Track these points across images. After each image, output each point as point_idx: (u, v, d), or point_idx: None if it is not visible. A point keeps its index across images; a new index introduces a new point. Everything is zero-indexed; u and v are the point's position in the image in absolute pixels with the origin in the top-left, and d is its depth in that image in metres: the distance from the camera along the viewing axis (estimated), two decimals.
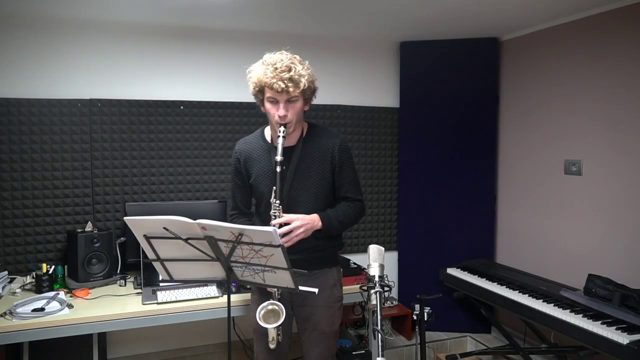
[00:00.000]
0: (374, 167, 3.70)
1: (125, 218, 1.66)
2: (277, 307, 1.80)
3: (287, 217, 1.86)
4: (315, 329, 2.02)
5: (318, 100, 3.50)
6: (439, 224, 3.65)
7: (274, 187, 1.84)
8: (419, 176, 3.67)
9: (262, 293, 1.98)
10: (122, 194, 3.06)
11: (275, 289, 1.87)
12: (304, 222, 1.87)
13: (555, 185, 3.13)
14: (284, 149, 1.86)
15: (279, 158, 1.81)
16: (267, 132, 2.06)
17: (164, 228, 1.61)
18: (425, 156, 3.65)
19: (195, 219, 1.59)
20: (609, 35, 2.77)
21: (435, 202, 3.65)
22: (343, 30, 3.39)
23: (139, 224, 1.64)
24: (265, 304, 1.81)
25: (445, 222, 3.64)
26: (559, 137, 3.11)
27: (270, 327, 1.80)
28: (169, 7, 2.76)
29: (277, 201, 1.84)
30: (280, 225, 1.84)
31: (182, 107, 3.17)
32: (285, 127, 1.85)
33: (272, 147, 1.96)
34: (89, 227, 2.82)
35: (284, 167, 1.86)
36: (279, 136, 1.84)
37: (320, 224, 1.92)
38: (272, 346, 1.92)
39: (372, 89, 3.68)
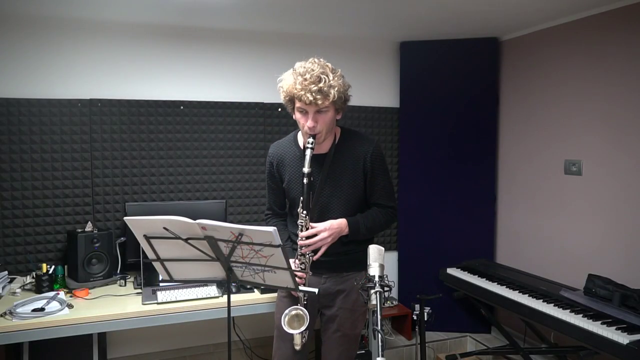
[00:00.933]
0: None
1: (125, 218, 1.66)
2: (301, 312, 1.81)
3: (312, 229, 1.86)
4: (338, 330, 2.02)
5: None
6: (439, 224, 3.65)
7: (301, 197, 1.84)
8: (419, 176, 3.67)
9: (290, 297, 1.98)
10: (122, 194, 3.06)
11: (302, 294, 1.87)
12: (331, 232, 1.87)
13: (555, 185, 3.13)
14: (317, 156, 1.86)
15: (306, 170, 1.81)
16: (300, 136, 2.03)
17: (164, 228, 1.61)
18: (425, 156, 3.65)
19: (195, 219, 1.59)
20: (608, 35, 2.77)
21: (435, 202, 3.65)
22: (343, 30, 3.39)
23: (139, 224, 1.64)
24: (289, 309, 1.82)
25: (445, 222, 3.64)
26: (559, 137, 3.11)
27: (295, 332, 1.81)
28: (169, 7, 2.76)
29: (304, 212, 1.84)
30: (307, 237, 1.85)
31: (182, 107, 3.17)
32: (314, 137, 1.84)
33: (303, 154, 1.94)
34: (89, 227, 2.82)
35: (312, 179, 1.84)
36: (307, 147, 1.83)
37: (347, 230, 1.92)
38: (297, 348, 1.93)
39: (372, 89, 3.68)
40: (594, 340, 2.22)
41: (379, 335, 1.46)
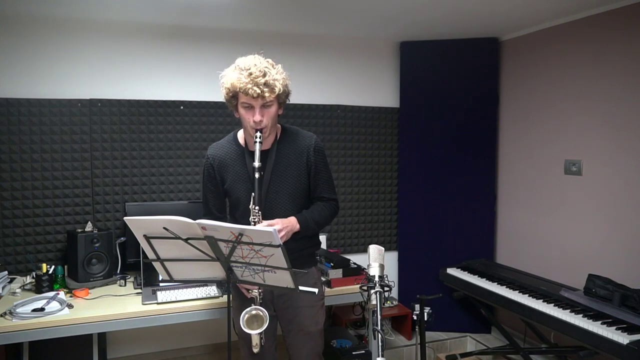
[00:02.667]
0: (374, 167, 3.70)
1: (125, 218, 1.66)
2: (260, 313, 1.80)
3: (267, 223, 1.84)
4: (300, 329, 2.02)
5: (318, 100, 3.55)
6: (439, 224, 3.65)
7: (253, 194, 1.83)
8: (419, 176, 3.67)
9: (243, 299, 1.97)
10: (122, 194, 3.06)
11: (257, 294, 1.86)
12: (285, 227, 1.86)
13: (555, 185, 3.13)
14: (260, 152, 1.85)
15: (256, 164, 1.80)
16: (240, 135, 2.02)
17: (164, 228, 1.61)
18: (425, 156, 3.65)
19: (195, 219, 1.59)
20: (609, 35, 2.77)
21: (435, 202, 3.65)
22: (343, 30, 3.39)
23: (139, 224, 1.64)
24: (248, 309, 1.80)
25: (445, 222, 3.64)
26: (559, 137, 3.11)
27: (255, 332, 1.80)
28: (169, 7, 2.76)
29: (257, 207, 1.83)
30: None
31: (182, 107, 3.17)
32: (261, 132, 1.83)
33: (247, 151, 1.95)
34: (89, 227, 2.82)
35: (262, 173, 1.84)
36: (255, 142, 1.82)
37: (298, 226, 1.92)
38: (255, 350, 1.93)
39: (372, 89, 3.68)
40: (594, 340, 2.22)
41: (379, 335, 1.46)
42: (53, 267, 2.70)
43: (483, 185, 3.61)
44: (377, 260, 1.67)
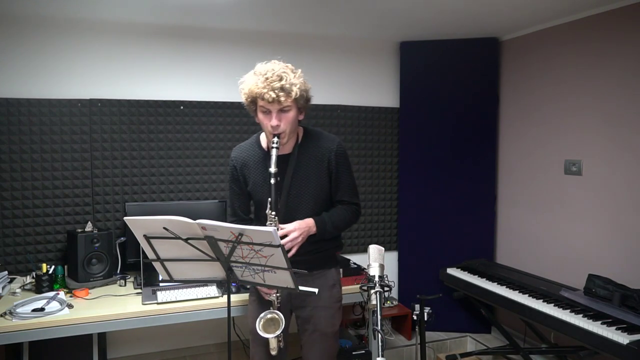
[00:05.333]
0: (374, 167, 3.70)
1: (125, 218, 1.66)
2: (277, 316, 1.80)
3: (283, 230, 1.84)
4: (315, 329, 2.01)
5: (318, 100, 3.52)
6: (439, 224, 3.65)
7: (269, 199, 1.83)
8: (419, 176, 3.67)
9: (261, 300, 1.97)
10: (122, 194, 3.06)
11: (275, 297, 1.86)
12: (301, 231, 1.86)
13: (555, 185, 3.13)
14: (281, 157, 1.85)
15: (272, 170, 1.79)
16: (263, 138, 2.03)
17: (164, 228, 1.61)
18: (425, 156, 3.65)
19: (195, 219, 1.59)
20: (609, 35, 2.77)
21: (435, 202, 3.65)
22: (343, 30, 3.39)
23: (139, 224, 1.64)
24: (264, 314, 1.81)
25: (445, 222, 3.64)
26: (559, 137, 3.11)
27: (271, 336, 1.80)
28: (169, 7, 2.76)
29: (273, 212, 1.83)
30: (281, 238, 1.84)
31: (182, 107, 3.17)
32: (278, 137, 1.83)
33: (268, 155, 1.93)
34: (89, 227, 2.82)
35: (279, 178, 1.83)
36: (272, 147, 1.82)
37: (315, 229, 1.92)
38: (274, 353, 1.92)
39: (372, 89, 3.68)
40: (594, 340, 2.22)
41: (379, 335, 1.46)
42: (53, 267, 2.70)
43: (483, 185, 3.61)
44: (377, 260, 1.67)
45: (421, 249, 3.67)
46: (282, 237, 1.84)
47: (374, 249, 1.70)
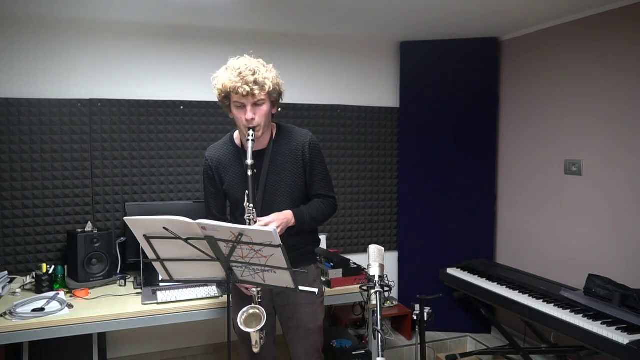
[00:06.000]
0: (374, 167, 3.70)
1: (125, 218, 1.66)
2: (258, 311, 1.80)
3: (262, 221, 1.85)
4: (299, 326, 2.03)
5: (318, 100, 3.55)
6: (439, 224, 3.65)
7: (247, 191, 1.84)
8: (419, 176, 3.67)
9: (242, 297, 1.98)
10: (122, 194, 3.06)
11: (255, 292, 1.87)
12: (280, 222, 1.88)
13: (555, 185, 3.13)
14: (256, 152, 1.87)
15: (249, 162, 1.81)
16: (237, 136, 2.05)
17: (164, 228, 1.61)
18: (425, 156, 3.65)
19: (195, 219, 1.59)
20: (609, 35, 2.77)
21: (435, 202, 3.65)
22: (343, 30, 3.39)
23: (139, 224, 1.64)
24: (245, 308, 1.81)
25: (445, 222, 3.64)
26: (559, 137, 3.11)
27: (252, 331, 1.81)
28: (169, 7, 2.76)
29: (251, 205, 1.84)
30: None
31: (182, 107, 3.17)
32: (253, 130, 1.85)
33: (243, 151, 1.95)
34: (89, 227, 2.82)
35: (255, 171, 1.85)
36: (248, 140, 1.84)
37: (293, 220, 1.93)
38: (256, 350, 1.94)
39: (372, 89, 3.68)
40: (594, 340, 2.22)
41: (379, 335, 1.46)
42: (53, 267, 2.70)
43: (483, 185, 3.61)
44: (377, 260, 1.67)
45: (421, 249, 3.67)
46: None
47: (374, 249, 1.70)
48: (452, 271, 3.27)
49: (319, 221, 2.04)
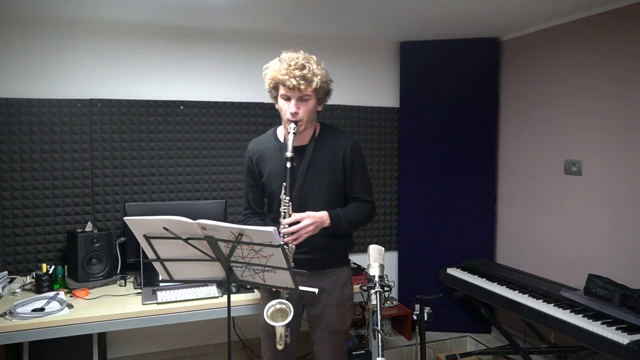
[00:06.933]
0: (374, 167, 3.69)
1: (125, 218, 1.66)
2: (285, 306, 1.80)
3: (296, 216, 1.86)
4: (326, 327, 2.03)
5: None
6: (439, 224, 3.65)
7: (284, 183, 1.85)
8: (419, 176, 3.67)
9: (271, 292, 1.98)
10: (122, 194, 3.06)
11: (283, 290, 1.87)
12: (314, 220, 1.87)
13: (555, 185, 3.13)
14: (296, 147, 1.87)
15: (289, 154, 1.82)
16: (280, 131, 2.07)
17: (164, 228, 1.61)
18: (425, 156, 3.65)
19: (195, 219, 1.59)
20: (609, 35, 2.77)
21: (435, 202, 3.65)
22: (343, 30, 3.39)
23: (139, 224, 1.65)
24: (273, 302, 1.81)
25: (445, 222, 3.64)
26: (559, 137, 3.11)
27: (278, 325, 1.80)
28: (169, 7, 2.76)
29: (287, 198, 1.84)
30: (290, 225, 1.84)
31: (182, 107, 3.17)
32: (296, 124, 1.86)
33: (284, 146, 1.95)
34: (89, 227, 2.82)
35: (295, 165, 1.86)
36: (289, 132, 1.85)
37: (328, 221, 1.92)
38: (280, 347, 1.92)
39: (372, 89, 3.68)
40: (594, 340, 2.22)
41: (379, 335, 1.46)
42: (53, 267, 2.70)
43: (483, 185, 3.61)
44: (377, 260, 1.67)
45: (421, 249, 3.67)
46: (294, 223, 1.84)
47: (374, 249, 1.70)
48: (452, 271, 3.27)
49: (354, 225, 2.03)
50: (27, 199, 2.87)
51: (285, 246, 1.84)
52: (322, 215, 1.91)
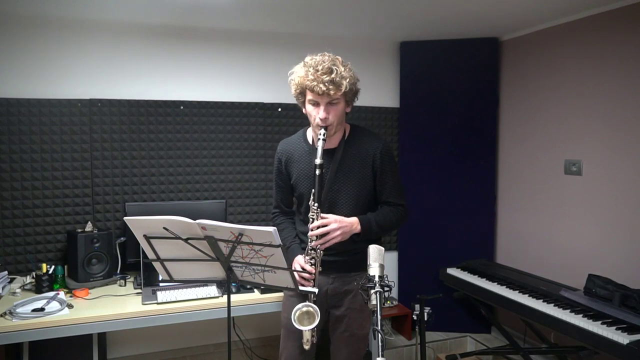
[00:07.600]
0: None
1: (125, 218, 1.66)
2: (312, 309, 1.80)
3: (324, 220, 1.85)
4: (346, 330, 2.02)
5: None
6: (439, 224, 3.65)
7: (313, 190, 1.83)
8: (419, 176, 3.67)
9: (299, 296, 1.97)
10: (122, 194, 3.06)
11: (312, 292, 1.86)
12: (342, 225, 1.86)
13: (555, 186, 3.13)
14: (326, 151, 1.86)
15: (318, 161, 1.80)
16: (309, 133, 2.04)
17: (164, 228, 1.61)
18: (425, 156, 3.65)
19: (195, 219, 1.59)
20: (609, 35, 2.77)
21: (435, 202, 3.65)
22: (343, 30, 3.39)
23: (139, 224, 1.65)
24: (300, 305, 1.81)
25: (445, 222, 3.64)
26: (559, 137, 3.11)
27: (305, 329, 1.81)
28: (169, 7, 2.76)
29: (316, 204, 1.83)
30: (318, 228, 1.84)
31: (182, 107, 3.17)
32: (326, 129, 1.84)
33: (313, 148, 1.93)
34: (89, 227, 2.82)
35: (324, 170, 1.84)
36: (319, 139, 1.82)
37: (359, 227, 1.91)
38: (306, 347, 1.92)
39: (372, 89, 3.68)
40: (594, 340, 2.22)
41: (379, 335, 1.45)
42: (53, 267, 2.70)
43: (483, 185, 3.61)
44: (377, 260, 1.67)
45: (421, 249, 3.67)
46: (322, 226, 1.84)
47: (374, 249, 1.70)
48: (452, 271, 3.26)
49: (386, 229, 2.01)
50: (27, 199, 2.87)
51: (313, 251, 1.84)
52: (353, 222, 1.90)
